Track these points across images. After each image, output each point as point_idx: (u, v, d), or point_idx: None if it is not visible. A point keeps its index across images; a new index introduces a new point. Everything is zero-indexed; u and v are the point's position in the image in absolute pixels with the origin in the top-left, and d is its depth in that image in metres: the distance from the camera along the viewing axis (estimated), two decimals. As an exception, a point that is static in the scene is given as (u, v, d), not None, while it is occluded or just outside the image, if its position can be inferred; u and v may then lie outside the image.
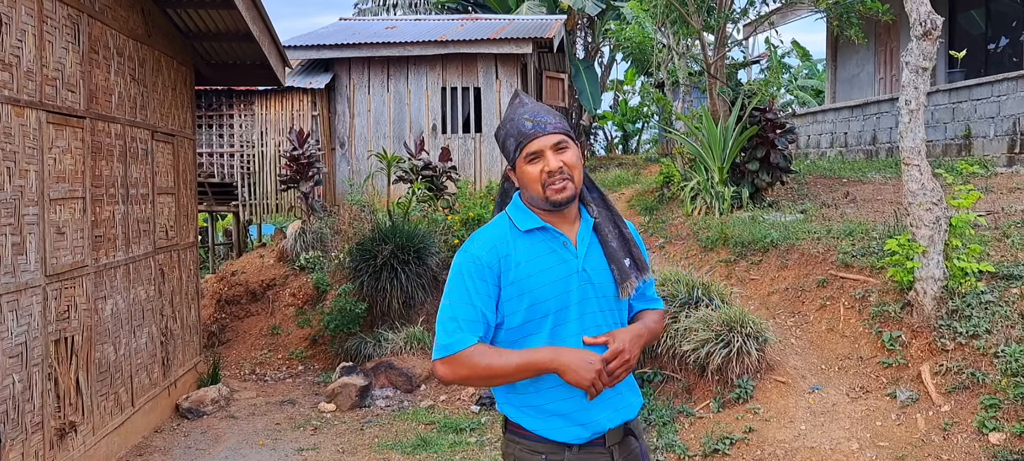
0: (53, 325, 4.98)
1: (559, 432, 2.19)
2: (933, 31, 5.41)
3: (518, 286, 2.18)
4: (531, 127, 2.21)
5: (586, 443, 2.21)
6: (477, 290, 2.16)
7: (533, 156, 2.20)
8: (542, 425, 2.21)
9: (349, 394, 7.26)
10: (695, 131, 10.36)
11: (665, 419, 5.56)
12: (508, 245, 2.21)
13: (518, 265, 2.18)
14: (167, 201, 7.13)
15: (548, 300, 2.18)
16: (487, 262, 2.17)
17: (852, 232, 7.21)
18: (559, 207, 2.21)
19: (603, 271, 2.26)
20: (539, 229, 2.23)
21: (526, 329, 2.20)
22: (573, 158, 2.21)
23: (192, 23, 7.44)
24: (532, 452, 2.22)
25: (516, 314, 2.19)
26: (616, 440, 2.25)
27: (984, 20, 13.48)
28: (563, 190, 2.17)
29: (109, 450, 5.79)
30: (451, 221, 9.97)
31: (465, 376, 2.15)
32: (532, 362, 2.13)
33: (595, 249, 2.28)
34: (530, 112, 2.24)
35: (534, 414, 2.21)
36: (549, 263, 2.21)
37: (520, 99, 2.31)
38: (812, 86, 26.19)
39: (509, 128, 2.25)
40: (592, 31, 21.52)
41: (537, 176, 2.18)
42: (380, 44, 12.92)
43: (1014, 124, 10.30)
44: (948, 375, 5.01)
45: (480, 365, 2.12)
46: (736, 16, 11.58)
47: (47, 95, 4.94)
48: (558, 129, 2.21)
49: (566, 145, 2.21)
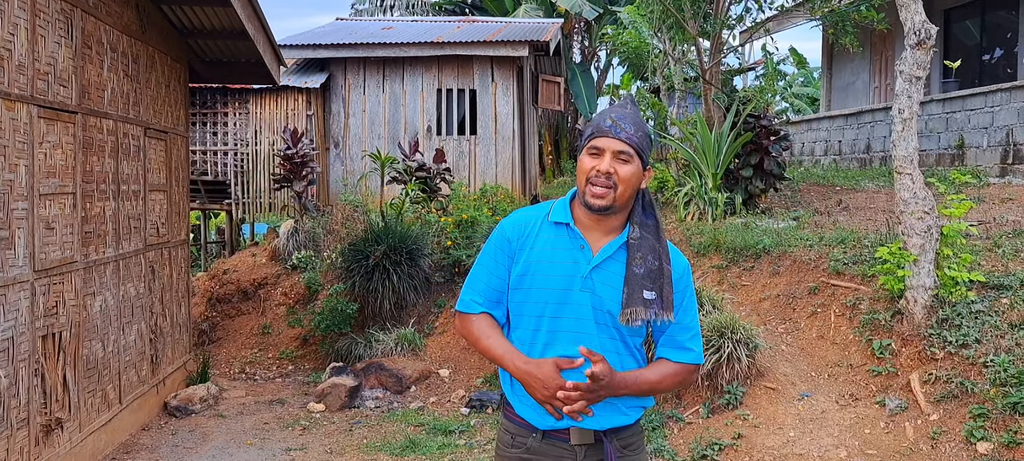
0: (41, 321, 4.95)
1: (526, 413, 2.31)
2: (927, 41, 5.43)
3: (526, 266, 2.30)
4: (609, 125, 2.26)
5: (549, 431, 2.29)
6: (497, 260, 2.36)
7: (595, 151, 2.26)
8: (517, 403, 2.34)
9: (339, 394, 7.24)
10: (690, 137, 10.37)
11: (654, 424, 5.56)
12: (534, 227, 2.34)
13: (533, 248, 2.30)
14: (159, 198, 7.11)
15: (544, 290, 2.27)
16: (510, 237, 2.35)
17: (844, 240, 7.22)
18: (593, 211, 2.25)
19: (613, 288, 2.26)
20: (564, 225, 2.31)
21: (521, 309, 2.32)
22: (628, 172, 2.24)
23: (187, 20, 7.42)
24: (506, 431, 2.38)
25: (518, 291, 2.32)
26: (584, 441, 2.29)
27: (979, 31, 13.53)
28: (600, 197, 2.22)
29: (96, 447, 5.76)
30: (444, 223, 9.96)
31: (466, 336, 2.41)
32: (506, 364, 2.30)
33: (616, 265, 2.28)
34: (617, 114, 2.29)
35: (517, 390, 2.33)
36: (560, 259, 2.28)
37: (624, 101, 2.38)
38: (807, 94, 26.25)
39: (596, 117, 2.34)
40: (589, 35, 21.55)
41: (587, 170, 2.25)
42: (376, 44, 12.90)
43: (1007, 135, 10.33)
44: (937, 384, 5.01)
45: (474, 335, 2.36)
46: (732, 22, 11.61)
47: (39, 89, 4.91)
48: (630, 140, 2.24)
49: (629, 158, 2.24)
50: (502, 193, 12.21)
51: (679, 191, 10.10)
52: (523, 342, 2.31)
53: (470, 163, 13.10)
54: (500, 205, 11.27)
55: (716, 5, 11.14)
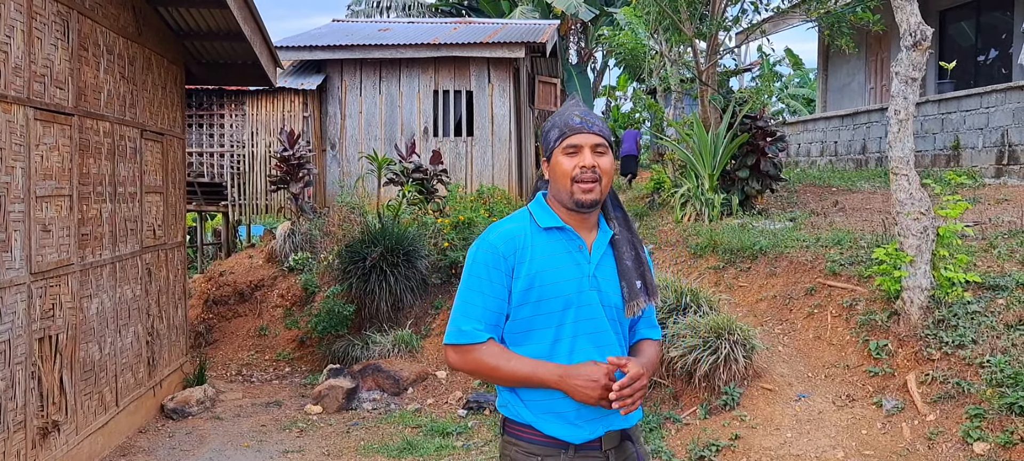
0: (37, 323, 4.94)
1: (558, 430, 2.20)
2: (923, 42, 5.44)
3: (530, 279, 2.21)
4: (579, 122, 2.25)
5: (582, 444, 2.22)
6: (492, 280, 2.22)
7: (572, 149, 2.24)
8: (542, 422, 2.22)
9: (336, 396, 7.24)
10: (686, 138, 10.38)
11: (652, 425, 5.56)
12: (526, 238, 2.25)
13: (532, 259, 2.22)
14: (155, 200, 7.10)
15: (556, 297, 2.22)
16: (503, 252, 2.23)
17: (841, 241, 7.24)
18: (582, 208, 2.24)
19: (613, 284, 2.28)
20: (557, 228, 2.28)
21: (532, 323, 2.23)
22: (608, 164, 2.25)
23: (183, 22, 7.42)
24: (528, 454, 2.23)
25: (524, 306, 2.22)
26: (612, 444, 2.26)
27: (974, 32, 13.57)
28: (590, 191, 2.21)
29: (92, 450, 5.74)
30: (441, 224, 9.96)
31: (471, 369, 2.26)
32: (539, 377, 2.18)
33: (608, 262, 2.30)
34: (581, 111, 2.29)
35: (536, 410, 2.23)
36: (563, 263, 2.24)
37: (575, 100, 2.38)
38: (803, 95, 26.31)
39: (556, 120, 2.30)
40: (585, 36, 21.57)
41: (570, 170, 2.22)
42: (373, 46, 12.90)
43: (1002, 135, 10.36)
44: (934, 385, 5.02)
45: (487, 364, 2.21)
46: (728, 24, 11.63)
47: (35, 91, 4.91)
48: (602, 133, 2.26)
49: (605, 150, 2.26)
50: (499, 194, 12.21)
51: (676, 192, 10.12)
52: (541, 355, 2.23)
53: (467, 164, 13.10)
54: (497, 206, 11.28)
55: (712, 6, 11.15)
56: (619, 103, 26.24)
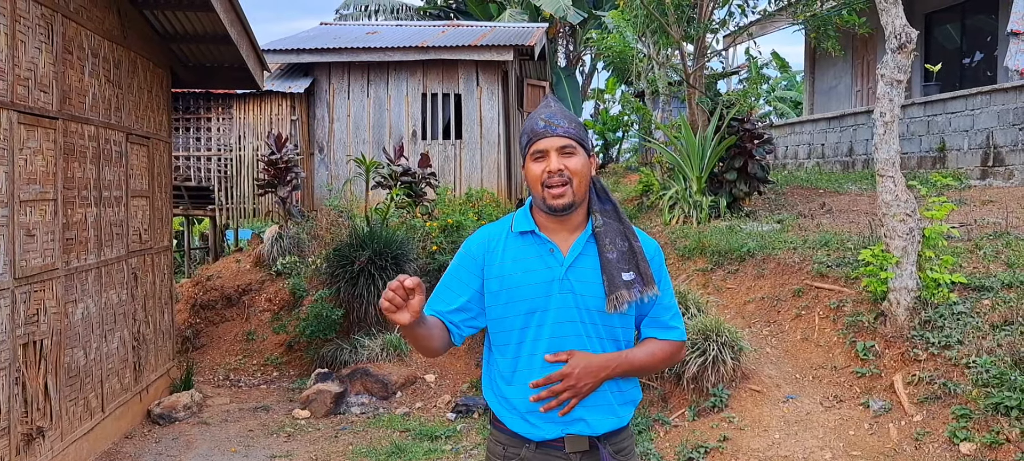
0: (22, 328, 4.90)
1: (513, 424, 2.28)
2: (908, 44, 5.47)
3: (500, 282, 2.27)
4: (542, 126, 2.24)
5: (543, 443, 2.25)
6: (458, 277, 2.34)
7: (538, 155, 2.23)
8: (507, 416, 2.29)
9: (324, 401, 7.20)
10: (674, 141, 10.41)
11: (640, 427, 5.56)
12: (499, 242, 2.31)
13: (502, 262, 2.27)
14: (141, 204, 7.05)
15: (523, 301, 2.24)
16: (474, 253, 2.33)
17: (828, 242, 7.27)
18: (557, 213, 2.23)
19: (592, 283, 2.23)
20: (529, 233, 2.29)
21: (502, 324, 2.28)
22: (578, 164, 2.22)
23: (169, 25, 7.38)
24: (496, 442, 2.33)
25: (495, 307, 2.29)
26: (578, 448, 2.25)
27: (960, 35, 13.67)
28: (560, 196, 2.19)
29: (78, 456, 5.69)
30: (430, 228, 9.94)
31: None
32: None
33: (588, 259, 2.25)
34: (547, 113, 2.27)
35: (504, 405, 2.30)
36: (532, 266, 2.25)
37: (547, 101, 2.36)
38: (790, 97, 26.44)
39: (526, 125, 2.31)
40: (574, 40, 21.61)
41: (538, 176, 2.22)
42: (360, 49, 12.87)
43: (987, 138, 10.44)
44: (921, 385, 5.05)
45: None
46: (716, 27, 11.68)
47: (19, 95, 4.86)
48: (568, 133, 2.22)
49: (573, 151, 2.22)
50: (488, 197, 12.20)
51: (664, 195, 10.14)
52: (506, 356, 2.27)
53: (456, 167, 13.08)
54: (486, 209, 11.26)
55: (700, 10, 11.19)
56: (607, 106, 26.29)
